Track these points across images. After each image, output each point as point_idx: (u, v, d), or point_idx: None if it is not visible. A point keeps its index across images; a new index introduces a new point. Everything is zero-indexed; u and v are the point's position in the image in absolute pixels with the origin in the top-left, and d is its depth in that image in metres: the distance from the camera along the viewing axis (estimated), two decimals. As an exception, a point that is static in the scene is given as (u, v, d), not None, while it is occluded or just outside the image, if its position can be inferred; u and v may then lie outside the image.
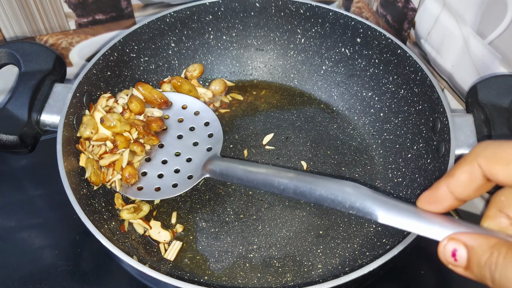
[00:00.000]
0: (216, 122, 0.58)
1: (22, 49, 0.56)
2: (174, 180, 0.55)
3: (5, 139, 0.50)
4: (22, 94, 0.52)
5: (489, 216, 0.32)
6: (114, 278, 0.55)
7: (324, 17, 0.66)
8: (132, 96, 0.58)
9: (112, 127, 0.54)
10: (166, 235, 0.55)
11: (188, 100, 0.61)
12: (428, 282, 0.56)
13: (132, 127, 0.55)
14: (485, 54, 0.54)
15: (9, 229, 0.59)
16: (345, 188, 0.40)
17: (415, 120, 0.59)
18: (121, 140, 0.54)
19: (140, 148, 0.55)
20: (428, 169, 0.54)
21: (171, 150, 0.57)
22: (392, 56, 0.61)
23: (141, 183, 0.55)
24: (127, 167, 0.54)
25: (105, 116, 0.54)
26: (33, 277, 0.55)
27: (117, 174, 0.54)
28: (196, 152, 0.56)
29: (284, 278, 0.53)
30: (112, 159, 0.53)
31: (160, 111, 0.59)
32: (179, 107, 0.60)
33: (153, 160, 0.56)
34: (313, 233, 0.56)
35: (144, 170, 0.56)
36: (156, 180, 0.55)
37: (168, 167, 0.56)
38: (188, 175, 0.55)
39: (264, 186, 0.46)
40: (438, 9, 0.60)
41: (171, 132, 0.58)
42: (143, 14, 0.71)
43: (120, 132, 0.54)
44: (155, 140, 0.57)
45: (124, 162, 0.54)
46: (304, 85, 0.71)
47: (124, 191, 0.54)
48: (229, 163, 0.51)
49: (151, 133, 0.57)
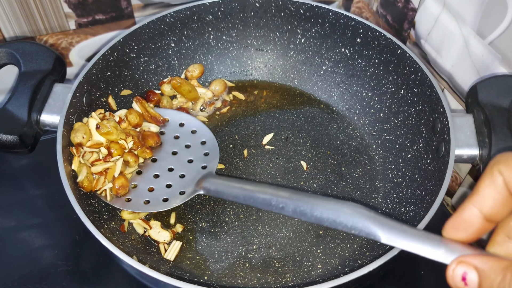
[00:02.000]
0: (213, 141, 0.58)
1: (22, 49, 0.56)
2: (164, 194, 0.54)
3: (5, 139, 0.50)
4: (22, 94, 0.52)
5: (496, 242, 0.31)
6: (114, 278, 0.55)
7: (324, 17, 0.66)
8: (132, 109, 0.58)
9: (108, 133, 0.53)
10: (166, 235, 0.55)
11: (186, 118, 0.60)
12: (428, 282, 0.56)
13: (128, 136, 0.54)
14: (485, 54, 0.54)
15: (9, 229, 0.59)
16: (344, 209, 0.39)
17: (415, 120, 0.59)
18: (116, 147, 0.53)
19: (134, 159, 0.54)
20: (428, 169, 0.54)
21: (164, 165, 0.56)
22: (392, 56, 0.61)
23: (130, 195, 0.54)
24: (119, 178, 0.53)
25: (101, 123, 0.53)
26: (33, 277, 0.55)
27: (108, 183, 0.53)
28: (190, 169, 0.55)
29: (284, 278, 0.53)
30: (105, 166, 0.53)
31: (157, 126, 0.58)
32: (176, 125, 0.59)
33: (145, 174, 0.55)
34: (313, 233, 0.56)
35: (134, 183, 0.55)
36: (146, 193, 0.54)
37: (160, 181, 0.55)
38: (180, 190, 0.54)
39: (262, 205, 0.45)
40: (438, 9, 0.60)
41: (165, 148, 0.57)
42: (143, 14, 0.71)
43: (116, 140, 0.53)
44: (149, 154, 0.56)
45: (117, 171, 0.53)
46: (304, 85, 0.71)
47: (114, 201, 0.53)
48: (225, 181, 0.50)
49: (146, 145, 0.56)
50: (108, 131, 0.53)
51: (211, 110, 0.68)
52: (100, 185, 0.52)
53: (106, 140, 0.54)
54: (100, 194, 0.53)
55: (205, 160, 0.56)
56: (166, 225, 0.57)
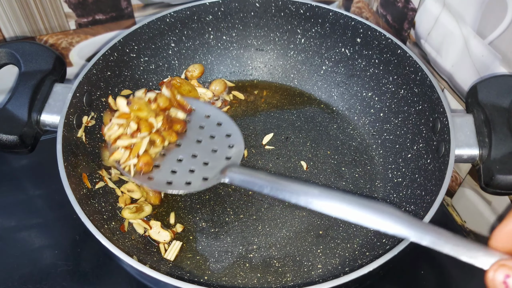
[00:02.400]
0: (238, 135, 0.56)
1: (22, 49, 0.56)
2: (187, 178, 0.53)
3: (5, 139, 0.50)
4: (22, 94, 0.52)
5: None
6: (114, 278, 0.55)
7: (324, 17, 0.66)
8: (162, 93, 0.57)
9: (138, 110, 0.52)
10: (166, 235, 0.55)
11: (212, 111, 0.59)
12: (428, 282, 0.56)
13: (157, 116, 0.54)
14: (485, 54, 0.54)
15: (9, 229, 0.59)
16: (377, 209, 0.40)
17: (415, 120, 0.59)
18: (145, 124, 0.52)
19: (160, 139, 0.53)
20: (428, 169, 0.54)
21: (188, 151, 0.55)
22: (392, 56, 0.61)
23: (153, 174, 0.53)
24: (144, 155, 0.52)
25: (133, 99, 0.52)
26: (33, 277, 0.55)
27: (133, 158, 0.52)
28: (214, 158, 0.54)
29: (284, 278, 0.53)
30: (132, 142, 0.51)
31: (184, 113, 0.58)
32: (202, 116, 0.59)
33: (169, 156, 0.54)
34: (313, 233, 0.56)
35: (158, 163, 0.54)
36: (169, 175, 0.53)
37: (183, 165, 0.54)
38: (203, 176, 0.53)
39: (290, 198, 0.44)
40: (438, 9, 0.60)
41: (190, 135, 0.56)
42: (143, 14, 0.71)
43: (145, 117, 0.52)
44: (175, 137, 0.55)
45: (143, 148, 0.52)
46: (304, 85, 0.71)
47: (136, 177, 0.52)
48: (252, 171, 0.50)
49: (173, 128, 0.56)
50: (139, 107, 0.52)
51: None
52: (125, 159, 0.52)
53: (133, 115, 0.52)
54: (124, 169, 0.52)
55: (230, 151, 0.55)
56: (166, 225, 0.57)
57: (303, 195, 0.43)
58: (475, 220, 0.61)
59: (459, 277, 0.57)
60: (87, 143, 0.57)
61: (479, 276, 0.58)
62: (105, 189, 0.57)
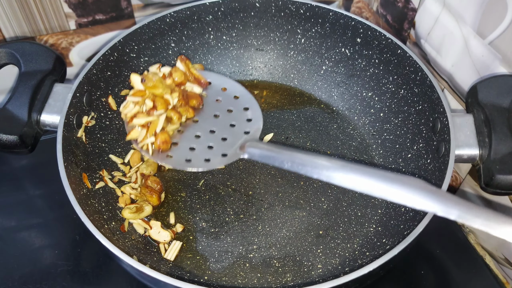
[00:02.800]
0: (256, 107, 0.55)
1: (22, 49, 0.55)
2: (206, 155, 0.51)
3: (5, 139, 0.50)
4: (22, 94, 0.52)
5: None
6: (114, 278, 0.55)
7: (324, 17, 0.66)
8: (176, 67, 0.56)
9: (153, 87, 0.51)
10: (166, 235, 0.55)
11: (229, 83, 0.57)
12: (428, 282, 0.56)
13: (173, 92, 0.52)
14: (485, 54, 0.54)
15: (9, 229, 0.59)
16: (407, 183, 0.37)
17: (415, 120, 0.59)
18: (160, 102, 0.51)
19: (177, 116, 0.52)
20: (428, 169, 0.54)
21: (205, 126, 0.54)
22: (392, 56, 0.61)
23: (171, 152, 0.52)
24: (162, 133, 0.51)
25: (146, 75, 0.51)
26: (33, 277, 0.55)
27: (150, 137, 0.51)
28: (232, 133, 0.53)
29: (284, 278, 0.53)
30: (148, 120, 0.50)
31: (200, 88, 0.56)
32: (219, 89, 0.57)
33: (186, 133, 0.53)
34: (313, 233, 0.56)
35: (175, 141, 0.53)
36: (188, 152, 0.52)
37: (201, 142, 0.52)
38: (222, 152, 0.51)
39: (311, 173, 0.42)
40: (438, 9, 0.60)
41: (207, 110, 0.55)
42: (143, 14, 0.71)
43: (161, 94, 0.51)
44: (192, 113, 0.54)
45: (160, 125, 0.51)
46: (304, 85, 0.71)
47: (155, 156, 0.51)
48: (272, 146, 0.48)
49: (189, 104, 0.54)
50: (154, 84, 0.50)
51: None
52: (142, 138, 0.51)
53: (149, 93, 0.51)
54: (142, 148, 0.51)
55: (248, 126, 0.54)
56: (166, 225, 0.57)
57: (325, 170, 0.41)
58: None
59: (459, 277, 0.57)
60: (87, 143, 0.57)
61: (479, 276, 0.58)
62: (105, 189, 0.57)
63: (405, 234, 0.46)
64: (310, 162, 0.43)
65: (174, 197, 0.59)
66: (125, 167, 0.61)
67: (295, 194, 0.60)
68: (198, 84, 0.55)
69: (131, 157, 0.61)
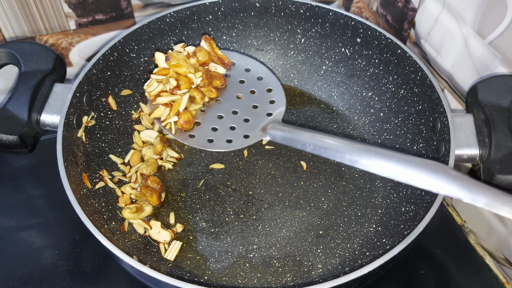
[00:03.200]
0: (279, 89, 0.55)
1: (22, 49, 0.56)
2: (228, 135, 0.51)
3: (5, 139, 0.50)
4: (22, 94, 0.52)
5: None
6: (114, 278, 0.55)
7: (324, 17, 0.66)
8: (201, 46, 0.55)
9: (177, 66, 0.50)
10: (166, 235, 0.55)
11: (253, 64, 0.57)
12: (428, 282, 0.56)
13: (197, 72, 0.52)
14: (485, 54, 0.54)
15: (9, 229, 0.59)
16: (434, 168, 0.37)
17: (415, 120, 0.59)
18: (184, 80, 0.51)
19: (200, 95, 0.52)
20: (428, 169, 0.54)
21: (228, 107, 0.53)
22: (392, 56, 0.61)
23: (194, 131, 0.52)
24: (185, 112, 0.51)
25: (171, 54, 0.51)
26: (33, 277, 0.55)
27: (173, 116, 0.51)
28: (255, 114, 0.53)
29: (284, 278, 0.53)
30: (172, 99, 0.50)
31: (223, 68, 0.55)
32: (242, 69, 0.56)
33: (209, 113, 0.53)
34: (313, 233, 0.56)
35: (198, 121, 0.52)
36: (210, 132, 0.52)
37: (224, 122, 0.52)
38: (244, 134, 0.51)
39: (334, 156, 0.42)
40: (438, 9, 0.60)
41: (230, 91, 0.55)
42: (143, 14, 0.71)
43: (185, 73, 0.51)
44: (215, 94, 0.53)
45: (183, 105, 0.51)
46: (304, 85, 0.71)
47: (177, 135, 0.51)
48: (295, 129, 0.47)
49: (213, 84, 0.54)
50: (178, 63, 0.50)
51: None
52: (165, 117, 0.50)
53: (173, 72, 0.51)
54: (165, 126, 0.51)
55: (271, 107, 0.53)
56: (166, 225, 0.57)
57: (348, 153, 0.41)
58: (475, 220, 0.61)
59: (459, 277, 0.57)
60: (87, 143, 0.57)
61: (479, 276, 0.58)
62: (105, 189, 0.57)
63: (405, 234, 0.46)
64: (333, 146, 0.42)
65: (174, 197, 0.59)
66: (125, 167, 0.61)
67: (295, 194, 0.60)
68: (221, 64, 0.55)
69: (131, 157, 0.61)
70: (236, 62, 0.56)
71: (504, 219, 0.55)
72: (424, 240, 0.59)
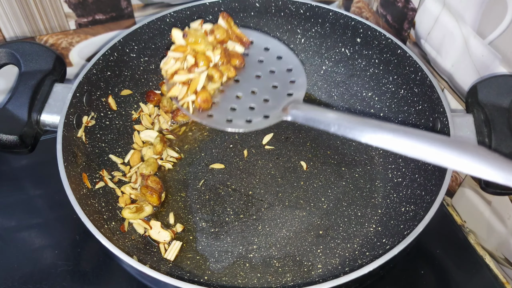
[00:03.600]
0: (300, 69, 0.53)
1: (22, 49, 0.56)
2: (247, 115, 0.50)
3: (5, 139, 0.50)
4: (22, 94, 0.52)
5: None
6: (114, 278, 0.55)
7: (324, 17, 0.66)
8: (219, 24, 0.53)
9: (195, 43, 0.49)
10: (166, 235, 0.55)
11: (272, 43, 0.55)
12: (428, 282, 0.56)
13: (215, 49, 0.50)
14: (485, 54, 0.54)
15: (9, 229, 0.59)
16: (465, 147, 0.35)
17: (415, 120, 0.59)
18: (202, 58, 0.49)
19: (219, 74, 0.50)
20: (428, 169, 0.54)
21: (247, 87, 0.52)
22: (392, 56, 0.61)
23: (212, 111, 0.50)
24: (203, 91, 0.49)
25: (189, 30, 0.49)
26: (33, 277, 0.55)
27: (191, 95, 0.49)
28: (274, 94, 0.51)
29: (284, 278, 0.53)
30: (189, 77, 0.49)
31: (242, 47, 0.54)
32: (261, 48, 0.55)
33: (227, 93, 0.51)
34: (313, 233, 0.56)
35: (216, 100, 0.51)
36: (229, 112, 0.50)
37: (243, 102, 0.51)
38: (264, 114, 0.49)
39: (359, 137, 0.40)
40: (438, 9, 0.60)
41: (249, 70, 0.53)
42: (143, 14, 0.71)
43: (203, 51, 0.50)
44: (233, 72, 0.52)
45: (201, 83, 0.49)
46: (304, 85, 0.71)
47: (195, 114, 0.50)
48: (318, 108, 0.46)
49: (231, 63, 0.52)
50: (196, 40, 0.49)
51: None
52: (182, 96, 0.49)
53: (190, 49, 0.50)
54: (182, 106, 0.50)
55: (291, 87, 0.51)
56: (166, 225, 0.57)
57: (375, 133, 0.39)
58: (475, 220, 0.61)
59: (459, 277, 0.57)
60: (87, 143, 0.57)
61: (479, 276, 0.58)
62: (105, 189, 0.57)
63: (405, 234, 0.46)
64: (359, 125, 0.40)
65: (174, 197, 0.59)
66: (125, 167, 0.61)
67: (295, 194, 0.60)
68: (240, 43, 0.53)
69: (131, 157, 0.61)
70: (255, 41, 0.55)
71: (504, 219, 0.55)
72: (424, 240, 0.59)
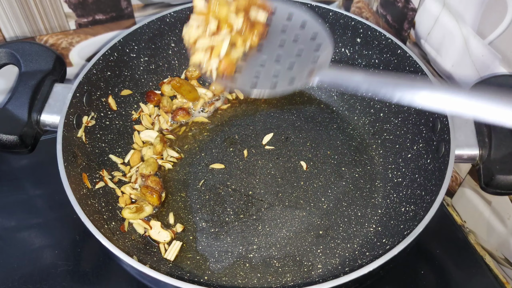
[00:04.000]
0: (324, 36, 0.52)
1: (22, 49, 0.56)
2: (273, 80, 0.49)
3: (5, 139, 0.50)
4: (22, 94, 0.52)
5: None
6: (114, 278, 0.55)
7: (324, 17, 0.65)
8: None
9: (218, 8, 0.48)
10: (166, 235, 0.55)
11: (295, 11, 0.54)
12: (428, 282, 0.56)
13: (238, 16, 0.49)
14: (485, 54, 0.54)
15: (9, 229, 0.59)
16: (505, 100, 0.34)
17: (415, 120, 0.59)
18: (225, 24, 0.48)
19: (241, 41, 0.49)
20: (428, 169, 0.54)
21: (270, 56, 0.51)
22: (392, 56, 0.61)
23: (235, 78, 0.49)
24: (226, 57, 0.49)
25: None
26: (33, 277, 0.55)
27: (214, 61, 0.49)
28: (299, 61, 0.50)
29: (284, 278, 0.53)
30: (212, 42, 0.48)
31: (265, 14, 0.52)
32: (284, 17, 0.54)
33: (250, 62, 0.50)
34: (313, 233, 0.56)
35: (240, 68, 0.50)
36: (252, 79, 0.49)
37: (266, 70, 0.50)
38: (288, 80, 0.49)
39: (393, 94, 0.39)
40: (438, 9, 0.60)
41: (272, 39, 0.52)
42: (143, 14, 0.71)
43: (225, 16, 0.48)
44: (256, 41, 0.51)
45: (224, 49, 0.49)
46: (304, 85, 0.71)
47: (219, 80, 0.49)
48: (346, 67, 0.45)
49: (253, 31, 0.51)
50: (218, 5, 0.48)
51: (211, 110, 0.68)
52: (206, 62, 0.48)
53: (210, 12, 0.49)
54: (205, 73, 0.49)
55: (316, 54, 0.51)
56: (166, 225, 0.57)
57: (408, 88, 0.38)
58: (475, 220, 0.61)
59: (459, 277, 0.57)
60: (87, 143, 0.57)
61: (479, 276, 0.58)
62: (105, 189, 0.57)
63: (405, 234, 0.46)
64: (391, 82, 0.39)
65: (174, 197, 0.59)
66: (125, 167, 0.61)
67: (295, 194, 0.60)
68: (262, 11, 0.53)
69: (131, 157, 0.61)
70: (278, 10, 0.54)
71: (504, 219, 0.55)
72: (424, 240, 0.59)
